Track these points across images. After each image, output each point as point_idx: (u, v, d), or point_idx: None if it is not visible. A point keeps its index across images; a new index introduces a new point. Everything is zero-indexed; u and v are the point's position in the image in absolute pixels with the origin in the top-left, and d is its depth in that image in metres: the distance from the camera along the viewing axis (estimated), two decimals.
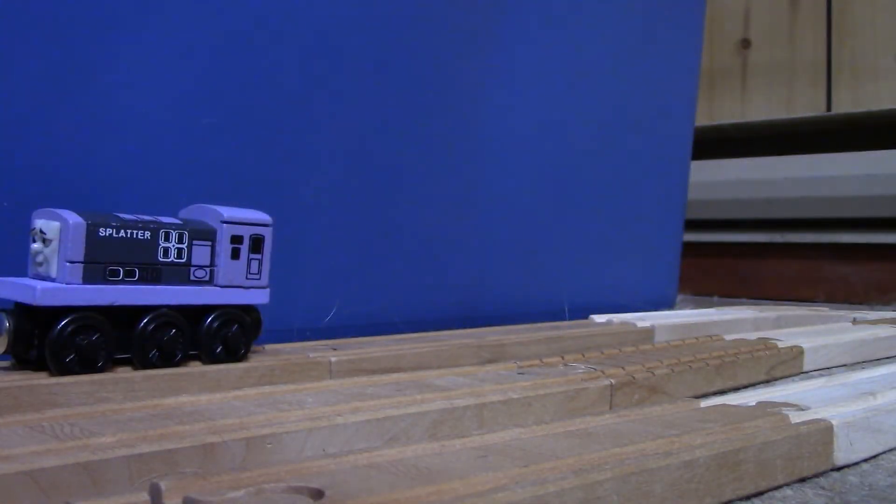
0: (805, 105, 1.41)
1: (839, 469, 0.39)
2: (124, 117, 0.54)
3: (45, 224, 0.43)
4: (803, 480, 0.37)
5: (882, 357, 0.71)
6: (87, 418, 0.34)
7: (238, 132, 0.60)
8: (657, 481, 0.30)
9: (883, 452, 0.42)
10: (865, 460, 0.40)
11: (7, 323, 0.42)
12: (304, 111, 0.63)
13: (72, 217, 0.42)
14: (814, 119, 1.38)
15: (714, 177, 1.39)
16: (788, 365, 0.63)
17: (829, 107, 1.39)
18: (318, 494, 0.26)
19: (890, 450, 0.42)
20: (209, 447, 0.32)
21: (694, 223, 1.32)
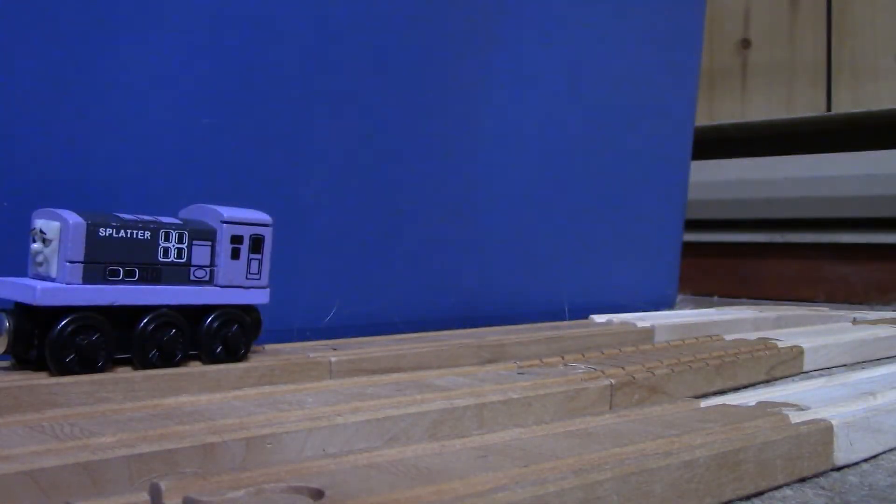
0: (805, 105, 1.41)
1: (839, 469, 0.39)
2: (124, 117, 0.54)
3: (45, 224, 0.43)
4: (803, 480, 0.37)
5: (882, 357, 0.71)
6: (87, 418, 0.34)
7: (238, 132, 0.60)
8: (657, 481, 0.30)
9: (883, 452, 0.42)
10: (865, 460, 0.40)
11: (7, 323, 0.42)
12: (304, 111, 0.63)
13: (72, 217, 0.42)
14: (814, 119, 1.38)
15: (714, 177, 1.39)
16: (788, 365, 0.63)
17: (829, 107, 1.39)
18: (318, 494, 0.26)
19: (890, 450, 0.42)
20: (209, 447, 0.32)
21: (694, 223, 1.31)
